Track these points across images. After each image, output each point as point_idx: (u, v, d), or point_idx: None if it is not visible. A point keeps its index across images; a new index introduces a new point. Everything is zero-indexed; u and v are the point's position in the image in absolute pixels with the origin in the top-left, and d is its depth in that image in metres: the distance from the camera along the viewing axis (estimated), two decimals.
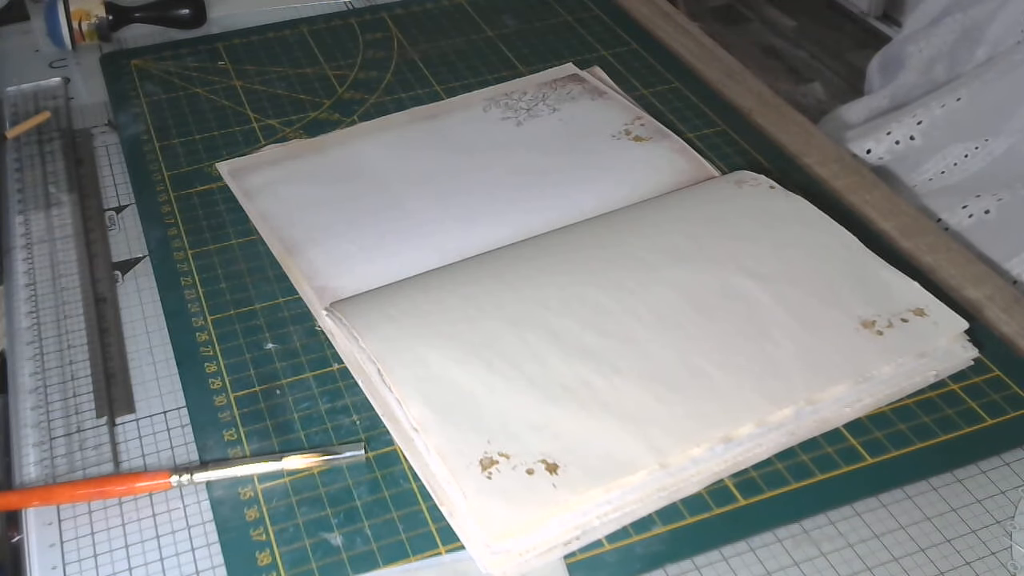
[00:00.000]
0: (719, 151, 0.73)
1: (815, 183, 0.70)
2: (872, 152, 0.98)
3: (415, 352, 0.53)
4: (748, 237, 0.60)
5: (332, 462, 0.51)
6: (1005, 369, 0.55)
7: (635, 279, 0.57)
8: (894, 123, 0.98)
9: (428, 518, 0.48)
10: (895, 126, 0.98)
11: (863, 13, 1.45)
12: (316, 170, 0.70)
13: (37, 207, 0.69)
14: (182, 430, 0.54)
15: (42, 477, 0.51)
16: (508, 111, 0.76)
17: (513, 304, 0.56)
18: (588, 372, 0.52)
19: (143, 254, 0.65)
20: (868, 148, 0.98)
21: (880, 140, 0.98)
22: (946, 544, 0.48)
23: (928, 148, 0.96)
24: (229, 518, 0.49)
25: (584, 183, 0.68)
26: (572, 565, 0.46)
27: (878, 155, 0.98)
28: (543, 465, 0.48)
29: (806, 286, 0.57)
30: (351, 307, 0.57)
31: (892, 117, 1.00)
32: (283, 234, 0.65)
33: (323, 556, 0.47)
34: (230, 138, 0.75)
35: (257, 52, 0.85)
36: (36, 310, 0.61)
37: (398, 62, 0.84)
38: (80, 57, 0.85)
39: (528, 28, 0.88)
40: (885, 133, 0.98)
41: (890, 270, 0.58)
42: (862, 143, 0.98)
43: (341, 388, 0.55)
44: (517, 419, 0.50)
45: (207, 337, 0.58)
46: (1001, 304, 0.60)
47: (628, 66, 0.82)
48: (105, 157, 0.74)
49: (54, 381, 0.56)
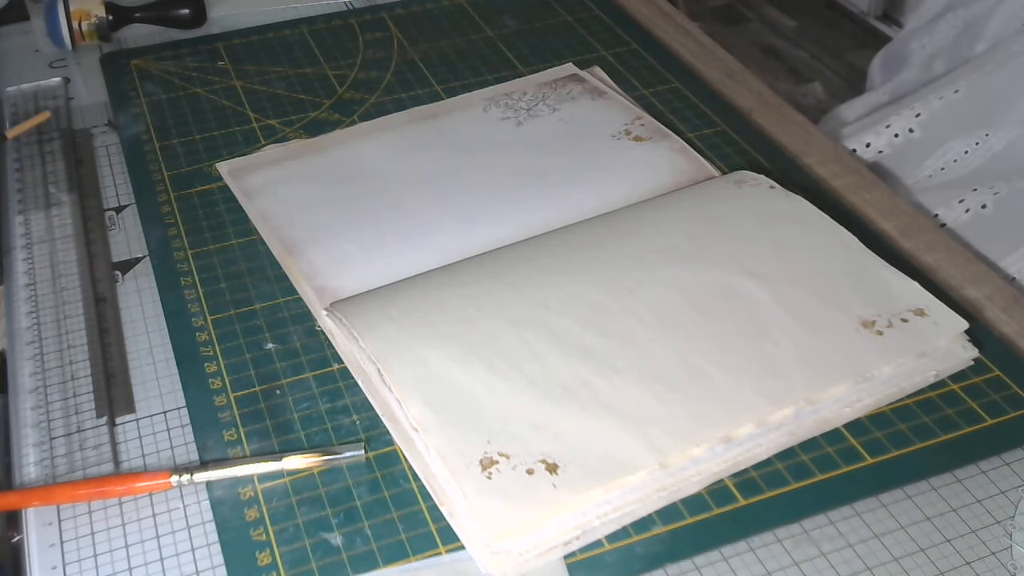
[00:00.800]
0: (719, 151, 0.73)
1: (815, 183, 0.70)
2: (872, 146, 0.98)
3: (415, 352, 0.53)
4: (748, 237, 0.60)
5: (332, 462, 0.51)
6: (1005, 369, 0.55)
7: (635, 279, 0.57)
8: (893, 116, 0.98)
9: (428, 518, 0.48)
10: (894, 119, 0.98)
11: (863, 13, 1.45)
12: (316, 170, 0.70)
13: (37, 207, 0.69)
14: (182, 430, 0.54)
15: (42, 477, 0.51)
16: (508, 111, 0.76)
17: (513, 304, 0.56)
18: (588, 372, 0.52)
19: (143, 254, 0.65)
20: (867, 142, 0.98)
21: (879, 133, 0.98)
22: (946, 544, 0.48)
23: (928, 141, 0.96)
24: (229, 518, 0.49)
25: (584, 183, 0.68)
26: (572, 565, 0.46)
27: (877, 148, 0.98)
28: (543, 465, 0.48)
29: (806, 286, 0.57)
30: (351, 307, 0.57)
31: (891, 110, 1.00)
32: (283, 234, 0.65)
33: (323, 556, 0.47)
34: (230, 138, 0.75)
35: (257, 52, 0.85)
36: (36, 310, 0.61)
37: (398, 62, 0.84)
38: (80, 57, 0.85)
39: (528, 28, 0.88)
40: (884, 126, 0.98)
41: (890, 270, 0.58)
42: (861, 137, 0.98)
43: (341, 388, 0.55)
44: (517, 419, 0.50)
45: (207, 337, 0.58)
46: (1001, 304, 0.60)
47: (628, 66, 0.82)
48: (105, 157, 0.74)
49: (54, 381, 0.56)
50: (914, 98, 1.00)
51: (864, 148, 0.97)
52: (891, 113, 0.99)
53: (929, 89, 1.00)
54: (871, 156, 0.97)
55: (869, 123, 1.00)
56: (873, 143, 0.98)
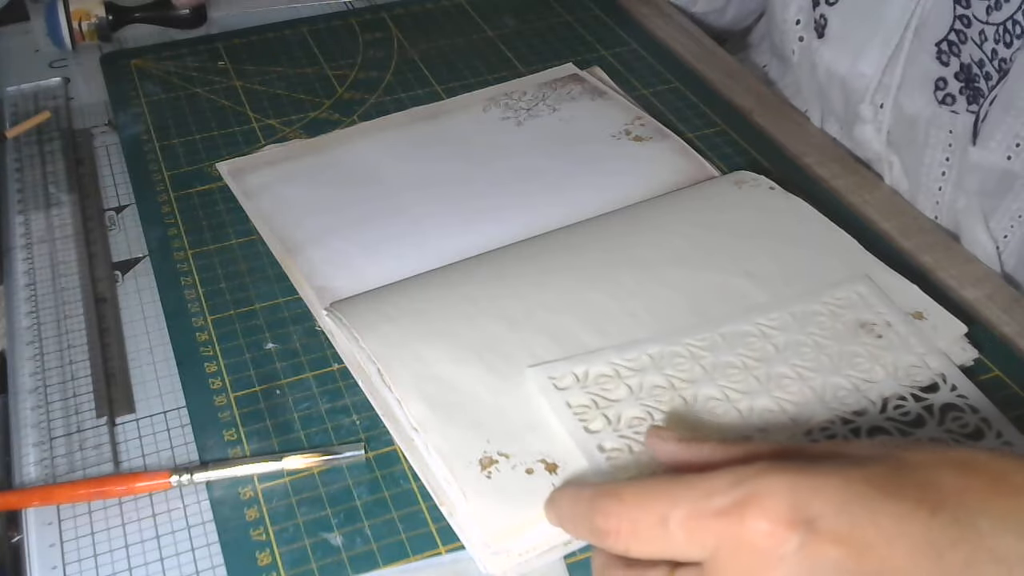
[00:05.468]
0: (719, 151, 0.73)
1: (815, 183, 0.70)
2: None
3: (415, 352, 0.53)
4: (747, 239, 0.60)
5: (332, 462, 0.51)
6: (1005, 369, 0.55)
7: (635, 279, 0.57)
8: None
9: (428, 518, 0.48)
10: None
11: None
12: (316, 170, 0.70)
13: (37, 207, 0.69)
14: (182, 430, 0.54)
15: (42, 477, 0.51)
16: (508, 111, 0.76)
17: (513, 304, 0.56)
18: None
19: (143, 254, 0.65)
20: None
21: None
22: None
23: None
24: (229, 518, 0.49)
25: (584, 183, 0.68)
26: (572, 565, 0.46)
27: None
28: (543, 465, 0.48)
29: (804, 289, 0.57)
30: (351, 307, 0.57)
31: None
32: (283, 234, 0.65)
33: (323, 556, 0.47)
34: (230, 138, 0.75)
35: (257, 52, 0.85)
36: (36, 310, 0.61)
37: (398, 62, 0.84)
38: (80, 57, 0.85)
39: (528, 28, 0.88)
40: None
41: (889, 273, 0.58)
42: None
43: (341, 388, 0.55)
44: (516, 419, 0.50)
45: (207, 337, 0.58)
46: (1001, 304, 0.60)
47: (628, 66, 0.82)
48: (105, 157, 0.74)
49: (54, 381, 0.56)
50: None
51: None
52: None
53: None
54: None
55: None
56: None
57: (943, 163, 0.68)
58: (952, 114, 0.66)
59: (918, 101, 0.68)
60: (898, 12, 0.68)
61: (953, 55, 0.65)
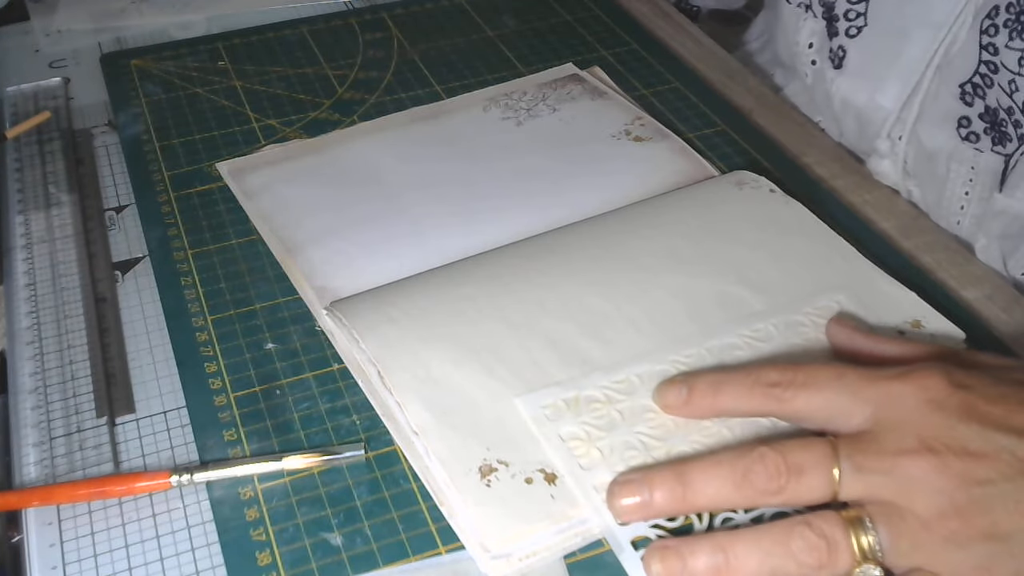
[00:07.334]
0: (719, 151, 0.73)
1: (815, 183, 0.70)
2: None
3: (416, 354, 0.53)
4: (747, 246, 0.60)
5: (332, 462, 0.51)
6: None
7: (634, 284, 0.57)
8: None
9: (428, 518, 0.48)
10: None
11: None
12: (316, 170, 0.70)
13: (37, 207, 0.69)
14: (182, 430, 0.54)
15: (42, 477, 0.51)
16: (508, 111, 0.76)
17: (513, 307, 0.56)
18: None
19: (143, 254, 0.65)
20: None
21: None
22: None
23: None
24: (229, 518, 0.49)
25: (584, 183, 0.68)
26: (572, 565, 0.46)
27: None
28: (541, 475, 0.48)
29: (802, 297, 0.56)
30: (351, 307, 0.57)
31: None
32: (283, 234, 0.65)
33: (323, 556, 0.47)
34: (230, 138, 0.75)
35: (257, 52, 0.85)
36: (36, 310, 0.61)
37: (398, 62, 0.84)
38: (80, 57, 0.85)
39: (528, 28, 0.88)
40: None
41: (887, 280, 0.58)
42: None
43: (341, 388, 0.55)
44: (516, 426, 0.50)
45: (207, 337, 0.58)
46: (1001, 304, 0.60)
47: (628, 66, 0.82)
48: (105, 157, 0.74)
49: (54, 381, 0.56)
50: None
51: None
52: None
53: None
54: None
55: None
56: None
57: (962, 197, 0.67)
58: (976, 152, 0.65)
59: (939, 137, 0.67)
60: (920, 50, 0.67)
61: (978, 97, 0.64)
